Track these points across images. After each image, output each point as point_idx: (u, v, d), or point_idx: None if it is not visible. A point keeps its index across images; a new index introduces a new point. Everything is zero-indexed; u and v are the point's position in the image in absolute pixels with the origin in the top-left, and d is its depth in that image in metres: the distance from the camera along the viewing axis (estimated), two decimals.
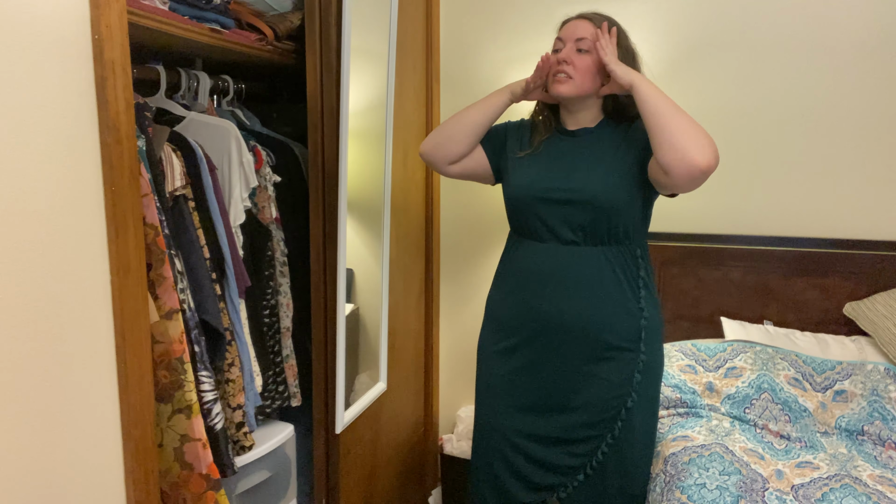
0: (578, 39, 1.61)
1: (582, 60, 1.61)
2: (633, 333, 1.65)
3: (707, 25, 2.19)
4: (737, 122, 2.20)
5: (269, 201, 1.74)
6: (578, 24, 1.63)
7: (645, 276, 1.69)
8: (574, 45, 1.61)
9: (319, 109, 1.68)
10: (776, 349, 2.02)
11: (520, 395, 1.74)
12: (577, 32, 1.61)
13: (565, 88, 1.62)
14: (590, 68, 1.61)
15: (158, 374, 1.31)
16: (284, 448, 1.75)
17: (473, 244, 2.57)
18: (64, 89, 1.02)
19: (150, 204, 1.26)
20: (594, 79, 1.63)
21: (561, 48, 1.64)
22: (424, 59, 2.35)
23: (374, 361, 1.99)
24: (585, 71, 1.61)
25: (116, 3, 1.08)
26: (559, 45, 1.65)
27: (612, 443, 1.68)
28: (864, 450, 1.76)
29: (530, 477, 1.75)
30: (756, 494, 1.54)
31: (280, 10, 1.78)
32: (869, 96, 2.07)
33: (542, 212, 1.66)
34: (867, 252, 2.09)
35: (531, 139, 1.76)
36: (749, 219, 2.22)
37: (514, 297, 1.74)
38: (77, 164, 1.05)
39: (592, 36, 1.60)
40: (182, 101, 1.64)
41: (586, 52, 1.61)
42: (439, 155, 1.76)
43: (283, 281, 1.79)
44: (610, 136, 1.67)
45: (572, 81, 1.61)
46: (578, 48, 1.61)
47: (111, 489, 1.16)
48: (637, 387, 1.66)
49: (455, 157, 1.76)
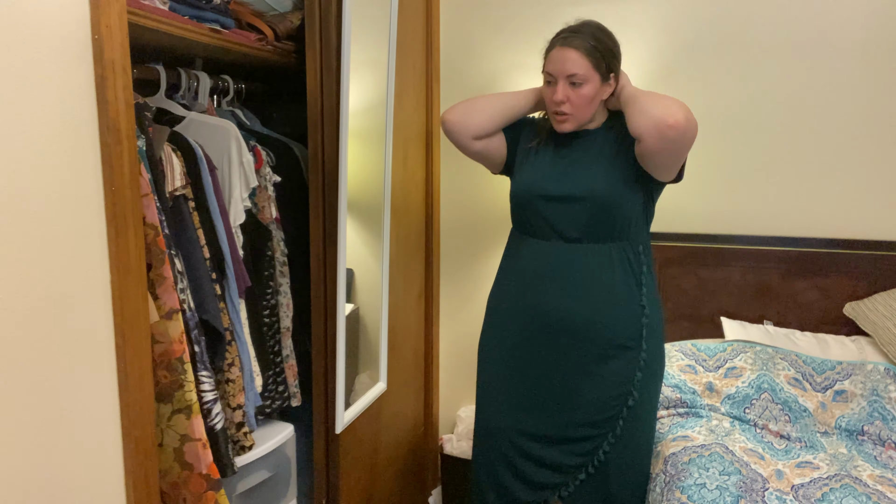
0: (570, 76, 1.58)
1: (578, 96, 1.60)
2: (634, 331, 1.66)
3: (707, 26, 2.19)
4: (737, 122, 2.20)
5: (269, 201, 1.74)
6: (567, 56, 1.58)
7: (646, 274, 1.69)
8: (566, 81, 1.59)
9: (319, 109, 1.68)
10: (776, 349, 2.02)
11: (522, 394, 1.74)
12: (567, 68, 1.58)
13: (568, 126, 1.65)
14: (586, 99, 1.61)
15: (158, 374, 1.31)
16: (284, 448, 1.75)
17: (473, 244, 2.57)
18: (64, 89, 1.02)
19: (150, 204, 1.26)
20: (593, 106, 1.64)
21: (552, 81, 1.62)
22: (424, 59, 2.35)
23: (374, 361, 1.99)
24: (583, 104, 1.61)
25: (116, 3, 1.08)
26: (549, 79, 1.63)
27: (613, 441, 1.68)
28: (864, 450, 1.76)
29: (532, 476, 1.75)
30: (756, 494, 1.54)
31: (280, 10, 1.78)
32: (869, 96, 2.07)
33: (545, 209, 1.67)
34: (867, 252, 2.09)
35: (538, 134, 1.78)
36: (749, 219, 2.22)
37: (516, 295, 1.74)
38: (77, 164, 1.05)
39: (584, 64, 1.57)
40: (182, 101, 1.63)
41: (580, 85, 1.59)
42: (468, 124, 1.73)
43: (283, 281, 1.79)
44: (613, 135, 1.69)
45: (572, 117, 1.63)
46: (571, 82, 1.59)
47: (111, 489, 1.16)
48: (638, 385, 1.66)
49: (481, 132, 1.74)
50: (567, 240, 1.66)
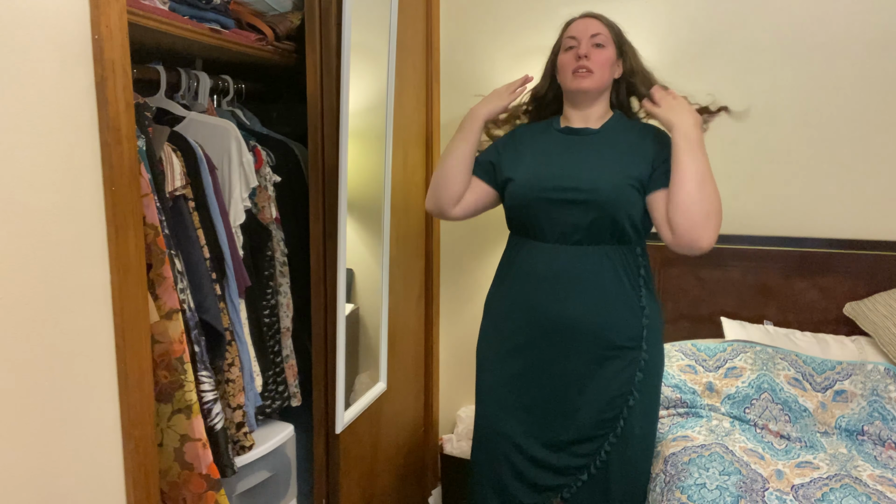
0: (594, 35, 1.66)
1: (600, 55, 1.66)
2: (635, 332, 1.66)
3: (707, 26, 2.19)
4: (737, 121, 2.19)
5: (269, 201, 1.74)
6: (589, 22, 1.69)
7: (645, 275, 1.69)
8: (590, 40, 1.66)
9: (319, 109, 1.68)
10: (776, 349, 2.02)
11: (523, 397, 1.74)
12: (591, 29, 1.67)
13: (588, 83, 1.66)
14: (607, 61, 1.68)
15: (158, 374, 1.31)
16: (284, 448, 1.75)
17: (473, 244, 2.57)
18: (64, 89, 1.02)
19: (150, 204, 1.26)
20: (611, 72, 1.70)
21: (574, 45, 1.68)
22: (424, 59, 2.35)
23: (374, 361, 1.99)
24: (604, 64, 1.67)
25: (116, 3, 1.08)
26: (572, 43, 1.69)
27: (614, 441, 1.68)
28: (864, 450, 1.76)
29: (534, 479, 1.74)
30: (756, 494, 1.54)
31: (280, 10, 1.78)
32: (869, 96, 2.07)
33: (547, 210, 1.66)
34: (867, 252, 2.09)
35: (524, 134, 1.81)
36: (749, 219, 2.22)
37: (516, 299, 1.74)
38: (77, 164, 1.05)
39: (605, 32, 1.67)
40: (182, 101, 1.63)
41: (602, 47, 1.67)
42: (441, 202, 1.78)
43: (283, 281, 1.79)
44: (616, 137, 1.69)
45: (593, 76, 1.66)
46: (595, 43, 1.66)
47: (111, 489, 1.16)
48: (639, 385, 1.66)
49: (455, 196, 1.77)
50: (569, 242, 1.66)
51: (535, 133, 1.79)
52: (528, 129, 1.83)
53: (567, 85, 1.70)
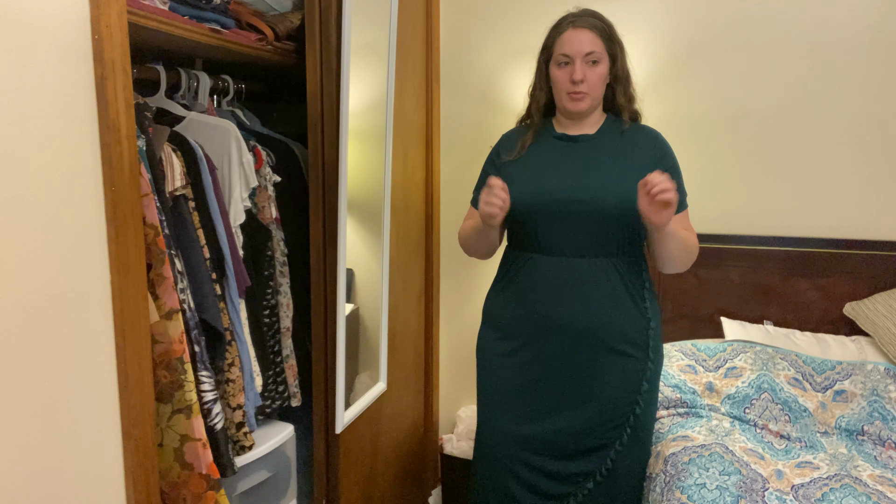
0: (588, 54, 1.61)
1: (594, 74, 1.63)
2: (641, 340, 1.66)
3: (707, 26, 2.19)
4: (737, 122, 2.20)
5: (269, 201, 1.74)
6: (582, 35, 1.61)
7: (647, 285, 1.69)
8: (585, 59, 1.61)
9: (319, 109, 1.68)
10: (776, 349, 2.02)
11: (528, 406, 1.72)
12: (585, 46, 1.61)
13: (584, 105, 1.65)
14: (601, 78, 1.65)
15: (158, 374, 1.31)
16: (284, 448, 1.75)
17: None
18: (64, 89, 1.02)
19: (150, 204, 1.26)
20: (604, 86, 1.68)
21: (566, 62, 1.63)
22: (424, 59, 2.35)
23: (374, 361, 1.99)
24: (598, 83, 1.65)
25: (116, 3, 1.08)
26: (564, 60, 1.63)
27: (620, 450, 1.68)
28: (864, 450, 1.76)
29: (540, 487, 1.73)
30: (756, 494, 1.54)
31: (280, 10, 1.78)
32: (869, 96, 2.07)
33: (550, 221, 1.64)
34: (867, 252, 2.09)
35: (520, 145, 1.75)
36: (749, 219, 2.22)
37: (519, 305, 1.72)
38: (77, 164, 1.05)
39: (599, 45, 1.62)
40: (182, 101, 1.63)
41: (597, 64, 1.63)
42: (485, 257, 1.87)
43: (283, 281, 1.79)
44: (614, 143, 1.68)
45: (588, 97, 1.64)
46: (590, 61, 1.62)
47: (111, 489, 1.16)
48: (644, 395, 1.67)
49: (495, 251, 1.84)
50: (572, 255, 1.64)
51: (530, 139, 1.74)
52: (519, 133, 1.78)
53: (563, 105, 1.68)
